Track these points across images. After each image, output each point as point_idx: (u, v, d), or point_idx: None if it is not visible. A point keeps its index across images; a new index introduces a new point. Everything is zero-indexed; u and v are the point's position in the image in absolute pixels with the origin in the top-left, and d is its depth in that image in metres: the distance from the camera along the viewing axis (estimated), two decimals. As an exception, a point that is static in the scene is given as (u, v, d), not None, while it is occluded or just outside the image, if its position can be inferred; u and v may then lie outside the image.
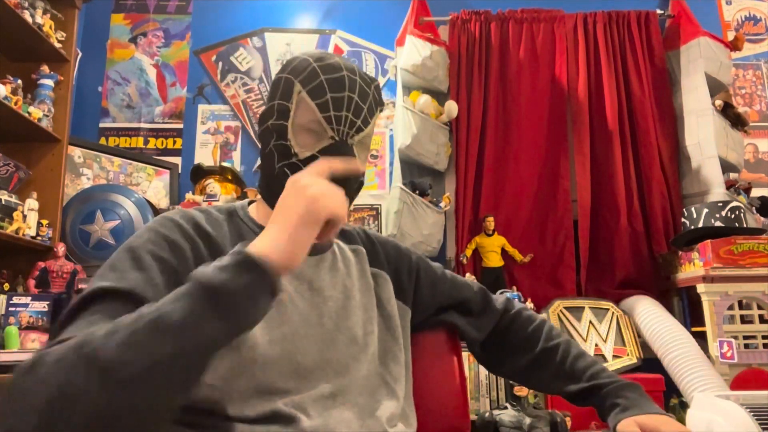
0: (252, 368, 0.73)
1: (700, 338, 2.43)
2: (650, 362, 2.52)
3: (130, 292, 0.66)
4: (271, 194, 0.85)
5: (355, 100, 0.81)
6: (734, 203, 2.60)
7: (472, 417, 2.41)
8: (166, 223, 0.77)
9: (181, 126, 3.25)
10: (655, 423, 0.80)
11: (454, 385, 1.02)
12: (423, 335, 1.02)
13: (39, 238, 2.24)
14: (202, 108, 3.28)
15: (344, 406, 0.77)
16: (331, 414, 0.75)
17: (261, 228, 0.84)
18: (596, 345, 2.60)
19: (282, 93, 0.82)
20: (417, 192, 2.89)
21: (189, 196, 2.75)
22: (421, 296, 0.99)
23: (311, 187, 0.66)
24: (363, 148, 0.85)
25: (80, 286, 2.09)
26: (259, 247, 0.62)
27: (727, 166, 2.99)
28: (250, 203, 0.91)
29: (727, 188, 2.89)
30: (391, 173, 3.15)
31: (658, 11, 3.28)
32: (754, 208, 2.84)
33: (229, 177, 2.85)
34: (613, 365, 2.53)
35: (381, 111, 0.88)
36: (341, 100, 0.80)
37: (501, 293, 2.72)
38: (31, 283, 2.19)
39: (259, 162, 0.82)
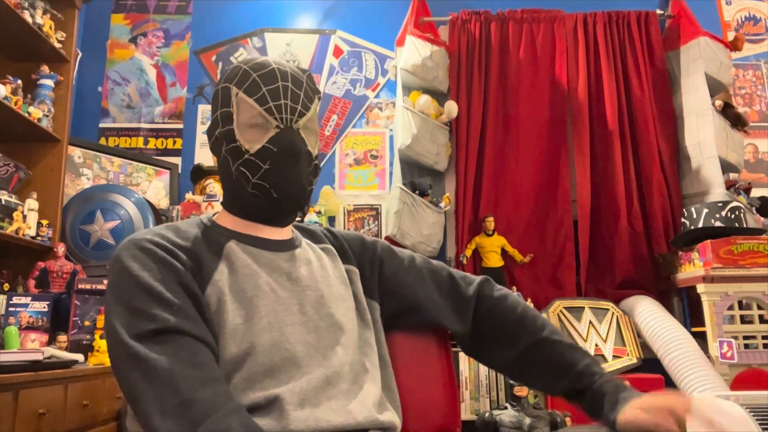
0: (246, 361, 0.76)
1: (700, 338, 2.43)
2: (650, 362, 2.52)
3: (171, 330, 0.70)
4: (231, 200, 0.89)
5: (290, 87, 0.85)
6: (734, 203, 2.60)
7: (472, 417, 2.41)
8: (141, 247, 0.78)
9: (181, 126, 3.25)
10: (657, 401, 0.81)
11: (442, 384, 1.02)
12: (409, 334, 1.01)
13: (39, 238, 2.24)
14: (202, 108, 3.28)
15: (333, 392, 0.79)
16: (321, 400, 0.77)
17: (231, 233, 0.87)
18: (596, 345, 2.60)
19: (222, 102, 0.88)
20: (417, 192, 2.89)
21: (189, 196, 2.75)
22: (387, 287, 1.00)
23: None
24: (310, 133, 0.88)
25: (80, 286, 2.09)
26: None
27: (727, 166, 2.98)
28: (214, 214, 0.93)
29: (727, 188, 2.89)
30: (391, 173, 3.15)
31: (658, 11, 3.28)
32: (754, 208, 2.84)
33: (229, 177, 2.85)
34: (613, 365, 2.53)
35: (319, 99, 0.93)
36: (276, 91, 0.84)
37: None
38: (31, 283, 2.18)
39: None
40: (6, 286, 2.15)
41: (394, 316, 1.00)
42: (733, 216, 2.56)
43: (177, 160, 3.17)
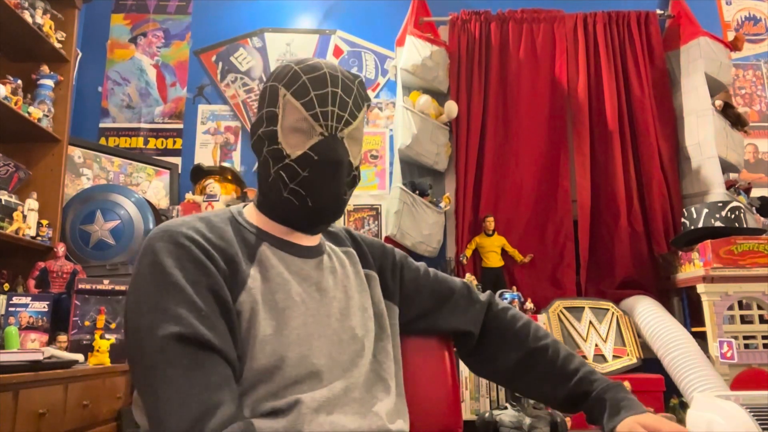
0: (275, 374, 0.75)
1: (700, 338, 2.43)
2: (650, 362, 2.52)
3: (194, 337, 0.69)
4: (267, 202, 0.87)
5: (339, 94, 0.83)
6: (734, 203, 2.60)
7: (472, 417, 2.41)
8: (177, 242, 0.75)
9: (181, 126, 3.25)
10: (656, 423, 0.80)
11: (446, 386, 1.03)
12: (415, 336, 1.02)
13: (39, 238, 2.24)
14: (202, 108, 3.28)
15: (348, 400, 0.80)
16: (336, 408, 0.77)
17: (260, 231, 0.85)
18: (596, 345, 2.60)
19: (269, 101, 0.85)
20: (417, 192, 2.89)
21: (189, 196, 2.75)
22: (406, 292, 1.01)
23: None
24: (354, 142, 0.86)
25: (80, 286, 2.09)
26: None
27: (727, 166, 2.98)
28: (243, 206, 0.92)
29: (727, 188, 2.89)
30: (391, 173, 3.15)
31: (658, 11, 3.28)
32: (754, 208, 2.84)
33: (229, 177, 2.85)
34: (613, 365, 2.53)
35: (368, 107, 0.90)
36: (325, 96, 0.82)
37: (501, 294, 2.76)
38: (31, 283, 2.18)
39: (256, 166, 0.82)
40: (6, 286, 2.15)
41: (411, 321, 1.01)
42: (733, 216, 2.56)
43: (177, 160, 3.17)
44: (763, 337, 2.38)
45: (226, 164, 2.99)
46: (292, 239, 0.87)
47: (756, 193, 3.00)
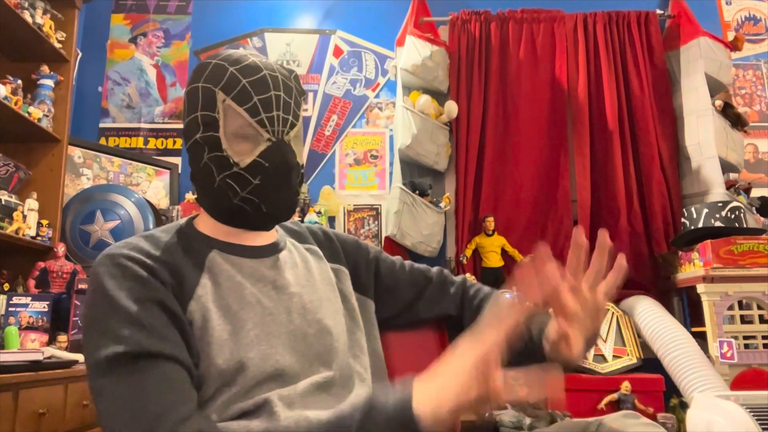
0: (237, 377, 0.75)
1: (700, 338, 2.43)
2: (650, 362, 2.52)
3: (140, 352, 0.68)
4: (213, 207, 0.86)
5: (283, 97, 0.81)
6: (734, 203, 2.60)
7: (472, 417, 2.41)
8: (118, 263, 0.75)
9: (181, 126, 3.24)
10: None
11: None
12: (410, 333, 1.02)
13: (39, 238, 2.24)
14: (202, 108, 3.28)
15: (323, 395, 0.79)
16: (309, 403, 0.77)
17: (209, 239, 0.84)
18: (596, 345, 2.60)
19: (204, 104, 0.81)
20: (417, 192, 2.89)
21: (189, 196, 2.75)
22: (385, 286, 1.02)
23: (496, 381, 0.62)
24: (298, 141, 0.85)
25: (80, 286, 2.09)
26: (426, 405, 0.63)
27: (727, 166, 2.99)
28: (193, 218, 0.90)
29: (727, 188, 2.89)
30: (391, 173, 3.15)
31: (658, 11, 3.28)
32: (754, 208, 2.84)
33: (229, 177, 2.85)
34: (613, 365, 2.53)
35: (305, 101, 0.90)
36: (269, 101, 0.80)
37: (501, 294, 2.75)
38: (31, 283, 2.19)
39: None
40: (6, 286, 2.15)
41: (393, 316, 1.02)
42: (733, 216, 2.56)
43: (177, 160, 3.17)
44: (763, 337, 2.38)
45: (226, 164, 2.99)
46: (243, 242, 0.86)
47: (756, 193, 3.00)
